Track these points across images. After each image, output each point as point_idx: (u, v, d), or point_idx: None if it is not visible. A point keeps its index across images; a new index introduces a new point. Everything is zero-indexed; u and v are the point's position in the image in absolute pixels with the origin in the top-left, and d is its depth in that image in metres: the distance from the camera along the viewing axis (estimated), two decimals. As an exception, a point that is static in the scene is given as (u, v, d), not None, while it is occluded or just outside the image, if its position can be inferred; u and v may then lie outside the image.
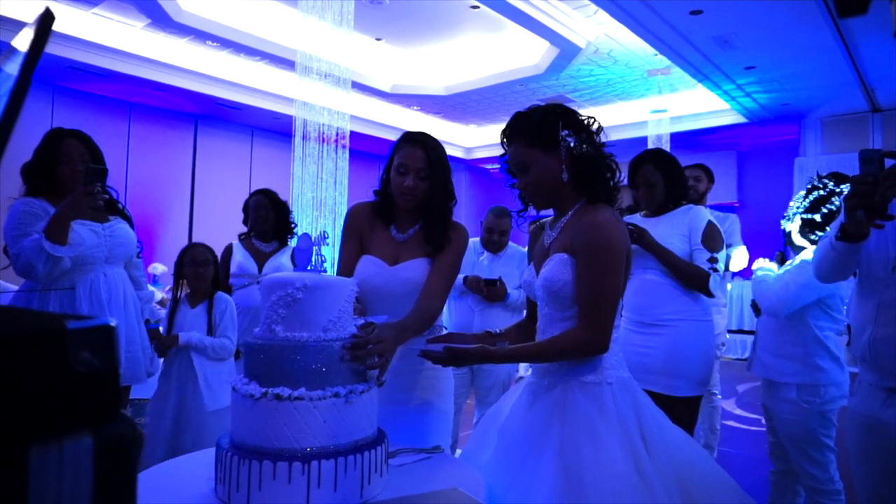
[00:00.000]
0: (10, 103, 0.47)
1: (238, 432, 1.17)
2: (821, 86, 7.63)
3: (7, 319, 0.46)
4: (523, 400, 1.55)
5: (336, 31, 5.40)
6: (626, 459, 1.29)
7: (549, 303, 1.51)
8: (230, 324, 2.74)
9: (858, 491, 1.70)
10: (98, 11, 6.53)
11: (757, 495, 3.31)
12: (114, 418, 0.43)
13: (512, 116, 1.55)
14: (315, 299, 1.20)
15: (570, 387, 1.43)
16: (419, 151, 1.75)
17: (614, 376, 1.45)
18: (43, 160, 2.25)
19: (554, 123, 1.48)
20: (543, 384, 1.50)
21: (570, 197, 1.52)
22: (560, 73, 7.82)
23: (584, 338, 1.41)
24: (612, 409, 1.38)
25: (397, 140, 1.82)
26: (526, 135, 1.50)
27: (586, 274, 1.42)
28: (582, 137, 1.49)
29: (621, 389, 1.44)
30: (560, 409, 1.41)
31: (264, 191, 3.45)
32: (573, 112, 1.53)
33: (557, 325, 1.49)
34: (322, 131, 5.92)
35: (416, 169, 1.74)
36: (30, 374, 0.39)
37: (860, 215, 1.48)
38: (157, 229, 8.60)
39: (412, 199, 1.75)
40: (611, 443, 1.31)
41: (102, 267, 2.29)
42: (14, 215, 2.16)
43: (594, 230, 1.42)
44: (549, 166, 1.48)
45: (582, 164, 1.48)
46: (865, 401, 1.64)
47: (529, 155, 1.49)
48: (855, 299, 1.72)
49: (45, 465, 0.38)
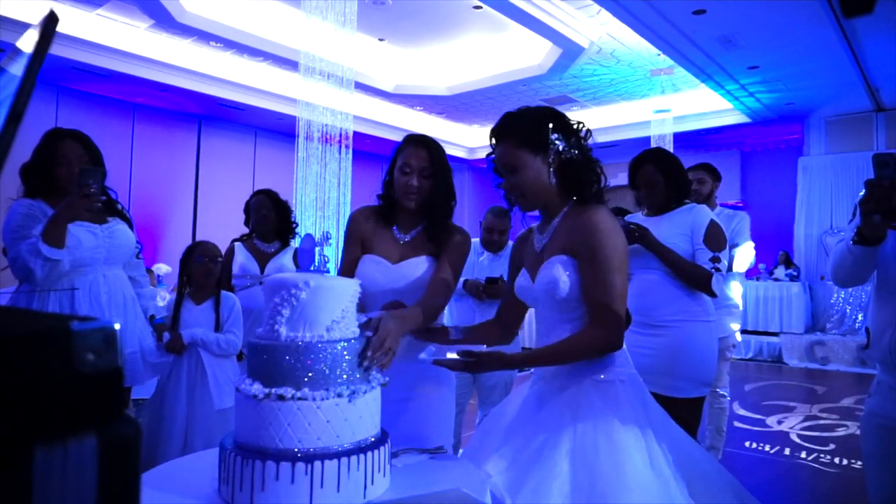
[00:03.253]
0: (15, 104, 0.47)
1: (241, 432, 1.17)
2: (825, 85, 7.61)
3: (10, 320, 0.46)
4: (531, 401, 1.54)
5: (339, 32, 5.40)
6: (642, 456, 1.30)
7: (551, 306, 1.51)
8: (237, 321, 2.75)
9: (870, 492, 1.70)
10: (102, 12, 6.55)
11: (761, 495, 3.31)
12: (117, 419, 0.43)
13: (502, 116, 1.55)
14: (318, 300, 1.20)
15: (583, 386, 1.43)
16: (422, 151, 1.78)
17: (626, 374, 1.46)
18: (41, 161, 2.23)
19: (544, 126, 1.47)
20: (554, 385, 1.49)
21: (556, 200, 1.53)
22: (563, 73, 7.81)
23: (600, 336, 1.41)
24: (626, 406, 1.39)
25: (400, 142, 1.86)
26: (515, 135, 1.49)
27: (593, 273, 1.42)
28: (571, 142, 1.49)
29: (633, 387, 1.45)
30: (573, 409, 1.40)
31: (265, 191, 3.45)
32: (563, 116, 1.53)
33: (563, 326, 1.49)
34: (325, 132, 5.93)
35: (419, 168, 1.77)
36: (34, 375, 0.39)
37: (877, 219, 1.47)
38: (161, 230, 8.63)
39: (415, 197, 1.78)
40: (626, 441, 1.32)
41: (101, 268, 2.28)
42: (12, 217, 2.15)
43: (595, 229, 1.42)
44: (537, 168, 1.48)
45: (569, 168, 1.48)
46: (884, 403, 1.64)
47: (517, 156, 1.49)
48: (873, 302, 1.72)
49: (49, 466, 0.39)
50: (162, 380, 2.69)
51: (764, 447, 4.15)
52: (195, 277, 2.75)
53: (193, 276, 2.75)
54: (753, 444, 4.23)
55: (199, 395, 2.61)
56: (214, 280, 2.76)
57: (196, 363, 2.64)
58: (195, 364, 2.64)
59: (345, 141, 6.04)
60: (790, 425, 4.73)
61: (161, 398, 2.65)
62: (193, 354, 2.65)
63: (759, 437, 4.42)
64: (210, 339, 2.65)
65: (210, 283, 2.76)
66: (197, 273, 2.73)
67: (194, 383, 2.63)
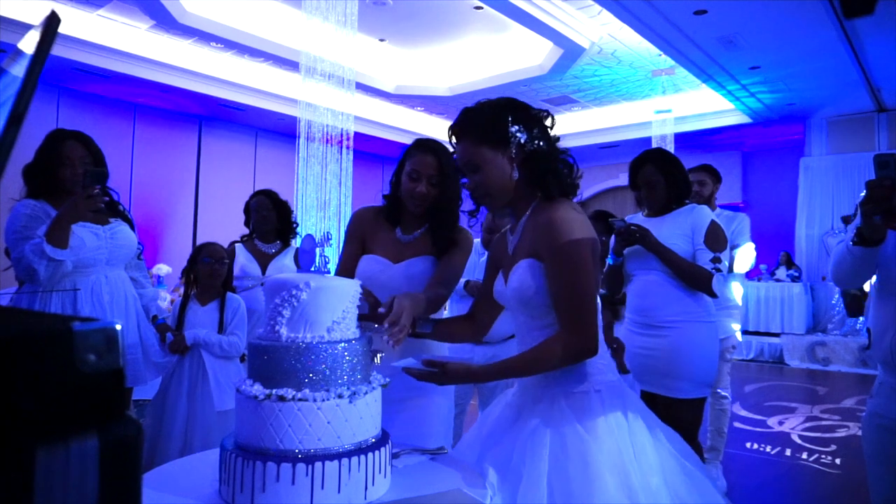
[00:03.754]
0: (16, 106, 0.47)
1: (242, 433, 1.17)
2: (826, 85, 7.60)
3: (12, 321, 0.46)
4: (508, 414, 1.48)
5: (340, 32, 5.41)
6: (613, 479, 1.22)
7: (522, 311, 1.44)
8: (241, 322, 2.76)
9: (872, 493, 1.70)
10: (103, 13, 6.56)
11: (762, 496, 3.31)
12: (119, 419, 0.43)
13: (460, 112, 1.46)
14: (319, 300, 1.20)
15: (555, 399, 1.36)
16: (431, 158, 1.77)
17: (602, 382, 1.38)
18: (44, 162, 2.25)
19: (503, 119, 1.39)
20: (528, 397, 1.43)
21: (525, 196, 1.45)
22: (564, 74, 7.81)
23: (571, 343, 1.32)
24: (600, 420, 1.31)
25: (409, 146, 1.85)
26: (474, 132, 1.41)
27: (556, 276, 1.34)
28: (534, 133, 1.41)
29: (610, 395, 1.37)
30: (545, 424, 1.33)
31: (265, 191, 3.45)
32: (524, 106, 1.45)
33: (535, 333, 1.42)
34: (326, 132, 5.93)
35: (427, 176, 1.76)
36: (36, 376, 0.39)
37: (877, 220, 1.47)
38: (162, 231, 8.63)
39: (423, 204, 1.78)
40: (597, 461, 1.24)
41: (104, 269, 2.30)
42: (15, 218, 2.16)
43: (553, 229, 1.34)
44: (500, 165, 1.40)
45: (534, 161, 1.41)
46: (886, 403, 1.64)
47: (478, 154, 1.41)
48: (874, 303, 1.71)
49: (51, 467, 0.39)
50: (165, 380, 2.70)
51: (765, 448, 4.15)
52: (201, 278, 2.76)
53: (199, 276, 2.77)
54: (754, 445, 4.22)
55: (200, 396, 2.62)
56: (220, 281, 2.78)
57: (198, 364, 2.65)
58: (197, 365, 2.65)
59: (345, 141, 6.05)
60: (791, 426, 4.73)
61: (163, 399, 2.66)
62: (195, 355, 2.66)
63: (760, 437, 4.41)
64: (213, 340, 2.66)
65: (215, 284, 2.77)
66: (202, 274, 2.75)
67: (195, 384, 2.63)
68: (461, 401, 2.97)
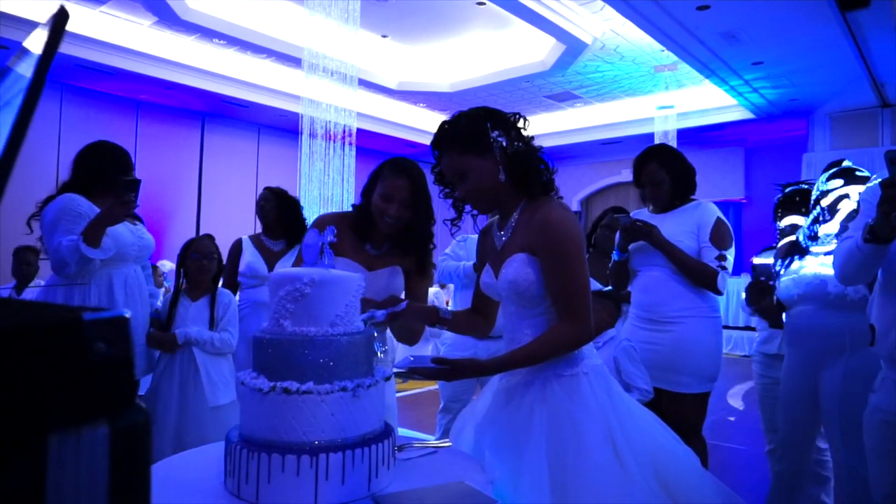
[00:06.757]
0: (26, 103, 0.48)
1: (247, 426, 1.18)
2: (829, 81, 7.57)
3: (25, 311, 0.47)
4: (500, 398, 1.55)
5: (342, 29, 5.41)
6: (606, 449, 1.33)
7: (515, 302, 1.53)
8: (232, 319, 2.75)
9: (873, 488, 1.70)
10: (105, 10, 6.56)
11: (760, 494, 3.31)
12: (129, 407, 0.44)
13: (438, 127, 1.55)
14: (323, 294, 1.21)
15: (547, 381, 1.45)
16: (403, 182, 1.80)
17: (589, 366, 1.48)
18: (108, 170, 2.44)
19: (483, 126, 1.49)
20: (519, 381, 1.51)
21: (511, 196, 1.54)
22: (566, 70, 7.80)
23: (571, 332, 1.43)
24: (590, 399, 1.41)
25: (380, 165, 1.87)
26: (458, 143, 1.50)
27: (555, 271, 1.44)
28: (512, 135, 1.51)
29: (596, 378, 1.46)
30: (539, 403, 1.43)
31: (271, 187, 3.46)
32: (499, 112, 1.55)
33: (526, 322, 1.51)
34: (329, 128, 5.94)
35: (400, 199, 1.79)
36: (48, 364, 0.40)
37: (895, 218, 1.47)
38: (165, 226, 8.65)
39: (395, 225, 1.81)
40: (590, 433, 1.35)
41: (133, 264, 2.53)
42: (61, 210, 2.31)
43: (552, 227, 1.44)
44: (487, 169, 1.49)
45: (517, 161, 1.50)
46: (889, 398, 1.64)
47: (465, 162, 1.49)
48: (879, 299, 1.71)
49: (63, 453, 0.39)
50: (156, 376, 2.68)
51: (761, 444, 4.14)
52: (190, 274, 2.75)
53: (188, 272, 2.76)
54: (751, 441, 4.22)
55: (192, 391, 2.59)
56: (209, 276, 2.75)
57: (189, 360, 2.61)
58: (188, 361, 2.61)
59: (348, 138, 6.05)
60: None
61: (155, 394, 2.64)
62: (186, 351, 2.62)
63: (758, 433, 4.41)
64: (204, 337, 2.62)
65: (205, 279, 2.75)
66: (191, 270, 2.74)
67: (187, 380, 2.60)
68: (464, 396, 2.98)
